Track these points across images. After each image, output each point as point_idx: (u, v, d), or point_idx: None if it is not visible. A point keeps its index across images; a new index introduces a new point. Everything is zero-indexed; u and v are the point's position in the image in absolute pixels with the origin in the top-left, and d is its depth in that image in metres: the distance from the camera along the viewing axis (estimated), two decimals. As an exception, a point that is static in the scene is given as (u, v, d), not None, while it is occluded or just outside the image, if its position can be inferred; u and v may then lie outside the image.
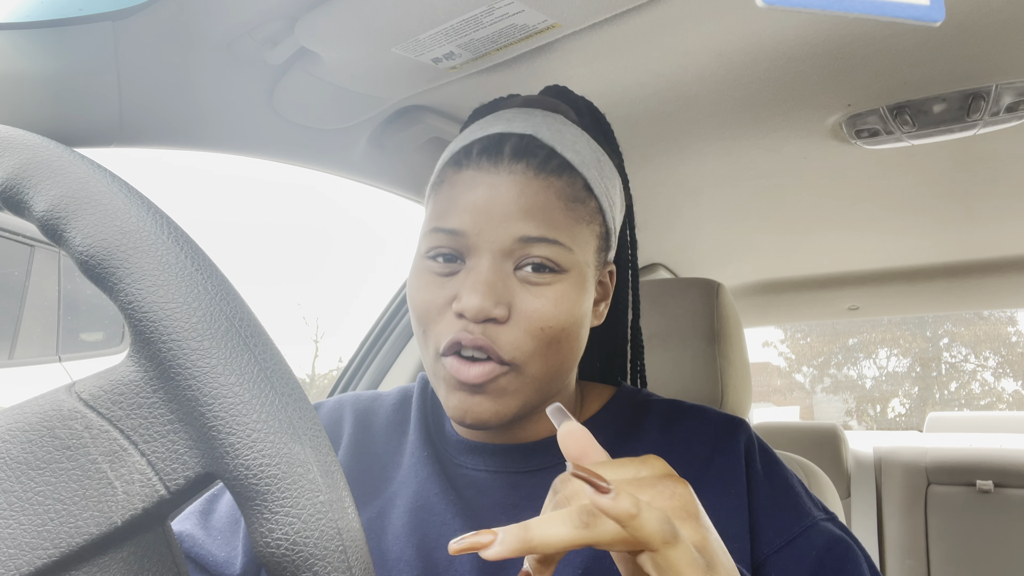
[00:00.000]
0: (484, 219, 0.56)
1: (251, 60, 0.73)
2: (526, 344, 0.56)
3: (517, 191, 0.57)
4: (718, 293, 1.04)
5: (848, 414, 18.43)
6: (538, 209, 0.57)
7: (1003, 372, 17.75)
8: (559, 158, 0.59)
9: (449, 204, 0.59)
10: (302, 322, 23.89)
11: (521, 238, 0.56)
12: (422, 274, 0.59)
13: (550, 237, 0.57)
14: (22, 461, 0.31)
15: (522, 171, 0.58)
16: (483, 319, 0.55)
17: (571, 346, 0.59)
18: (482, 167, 0.58)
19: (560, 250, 0.57)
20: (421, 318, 0.58)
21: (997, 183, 1.22)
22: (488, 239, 0.56)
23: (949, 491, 1.77)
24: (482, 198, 0.57)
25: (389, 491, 0.64)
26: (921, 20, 0.33)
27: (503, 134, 0.60)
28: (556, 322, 0.56)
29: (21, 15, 0.58)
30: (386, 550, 0.60)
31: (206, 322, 0.31)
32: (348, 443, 0.68)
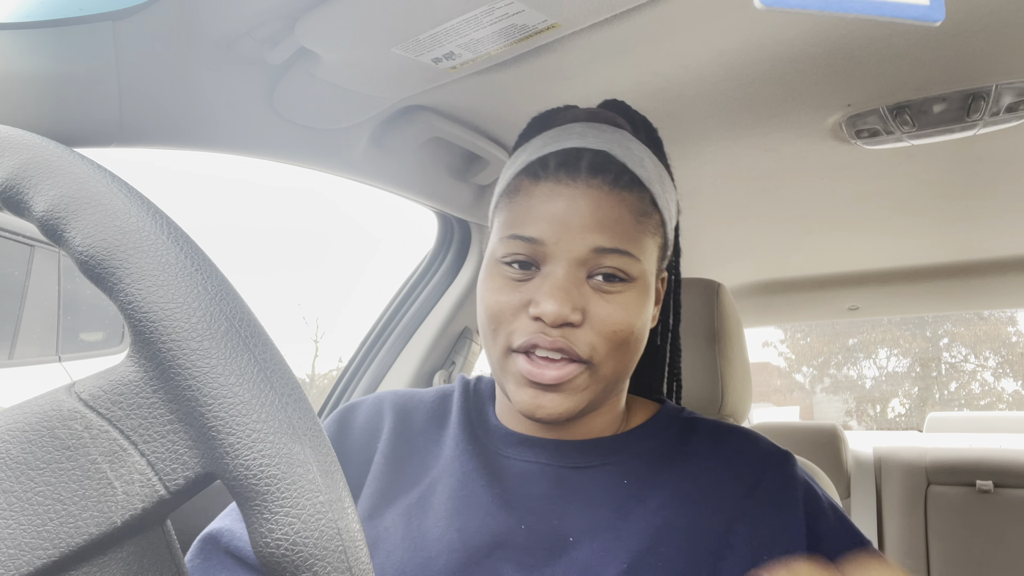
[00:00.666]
0: (562, 230, 0.60)
1: (251, 60, 0.73)
2: (600, 345, 0.59)
3: (594, 204, 0.61)
4: (718, 293, 1.04)
5: (848, 414, 18.43)
6: (612, 222, 0.61)
7: (1003, 372, 17.75)
8: (630, 174, 0.63)
9: (527, 213, 0.62)
10: (302, 322, 23.89)
11: (596, 248, 0.60)
12: (496, 277, 0.62)
13: (622, 248, 0.60)
14: (22, 461, 0.31)
15: (598, 185, 0.62)
16: (560, 323, 0.58)
17: (637, 348, 0.63)
18: (560, 180, 0.62)
19: (630, 260, 0.61)
20: (493, 318, 0.61)
21: (997, 183, 1.22)
22: (565, 248, 0.60)
23: (949, 491, 1.77)
24: (561, 210, 0.61)
25: (429, 478, 0.66)
26: (921, 20, 0.33)
27: (579, 149, 0.64)
28: (626, 326, 0.60)
29: (21, 15, 0.58)
30: (427, 530, 0.62)
31: (206, 322, 0.31)
32: (389, 435, 0.70)
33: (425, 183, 1.08)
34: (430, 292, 1.32)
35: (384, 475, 0.67)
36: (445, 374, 1.34)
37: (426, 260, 1.33)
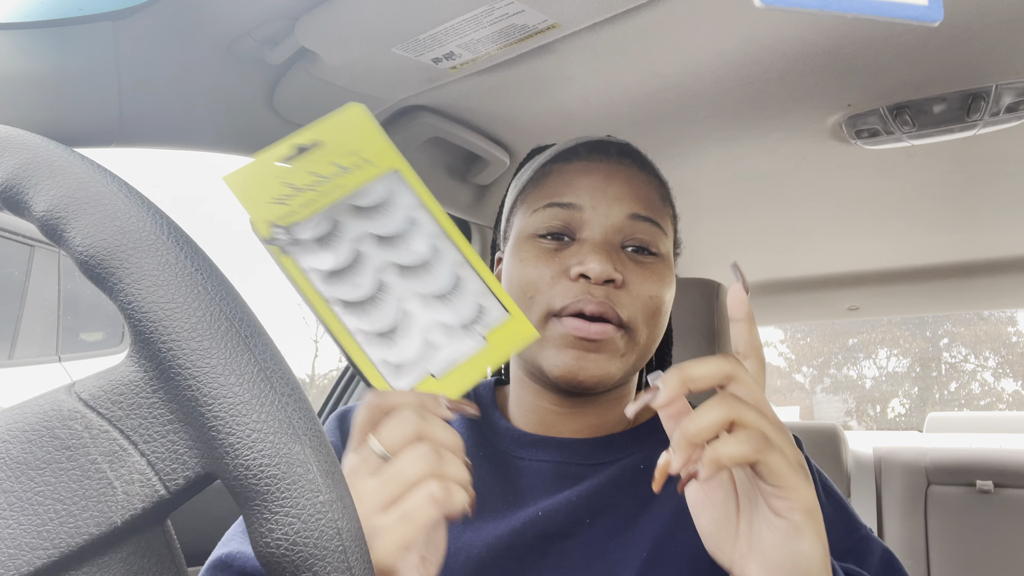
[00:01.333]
0: (600, 196, 0.64)
1: (251, 60, 0.73)
2: (639, 310, 0.62)
3: (628, 177, 0.65)
4: (718, 293, 1.04)
5: (848, 414, 18.43)
6: (643, 195, 0.65)
7: (1003, 372, 17.75)
8: (651, 165, 0.70)
9: (563, 186, 0.65)
10: (302, 322, 23.88)
11: (632, 215, 0.63)
12: (529, 250, 0.64)
13: (654, 218, 0.64)
14: (22, 461, 0.31)
15: (629, 164, 0.67)
16: (604, 280, 0.60)
17: (664, 323, 0.66)
18: (594, 159, 0.67)
19: (659, 233, 0.65)
20: (528, 287, 0.63)
21: (997, 183, 1.22)
22: (603, 214, 0.63)
23: (949, 491, 1.77)
24: (599, 181, 0.65)
25: None
26: (920, 20, 0.33)
27: (606, 140, 0.70)
28: (659, 294, 0.64)
29: (21, 15, 0.58)
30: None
31: (206, 322, 0.31)
32: None
33: (425, 183, 1.08)
34: (430, 292, 1.31)
35: None
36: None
37: (426, 260, 1.33)
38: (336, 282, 0.48)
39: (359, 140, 0.50)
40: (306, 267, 0.48)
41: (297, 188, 0.48)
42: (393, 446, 0.43)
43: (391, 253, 0.50)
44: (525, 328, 0.51)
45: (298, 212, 0.48)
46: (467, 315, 0.50)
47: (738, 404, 0.43)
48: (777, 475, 0.42)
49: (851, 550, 0.61)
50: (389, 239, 0.50)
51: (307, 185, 0.48)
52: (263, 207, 0.47)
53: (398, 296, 0.49)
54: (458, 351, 0.49)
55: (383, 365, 0.48)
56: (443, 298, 0.50)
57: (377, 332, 0.48)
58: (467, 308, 0.50)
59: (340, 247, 0.49)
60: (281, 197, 0.48)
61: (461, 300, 0.50)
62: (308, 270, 0.48)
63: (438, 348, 0.49)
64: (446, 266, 0.50)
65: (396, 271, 0.50)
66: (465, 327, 0.50)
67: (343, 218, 0.49)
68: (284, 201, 0.48)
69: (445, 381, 0.49)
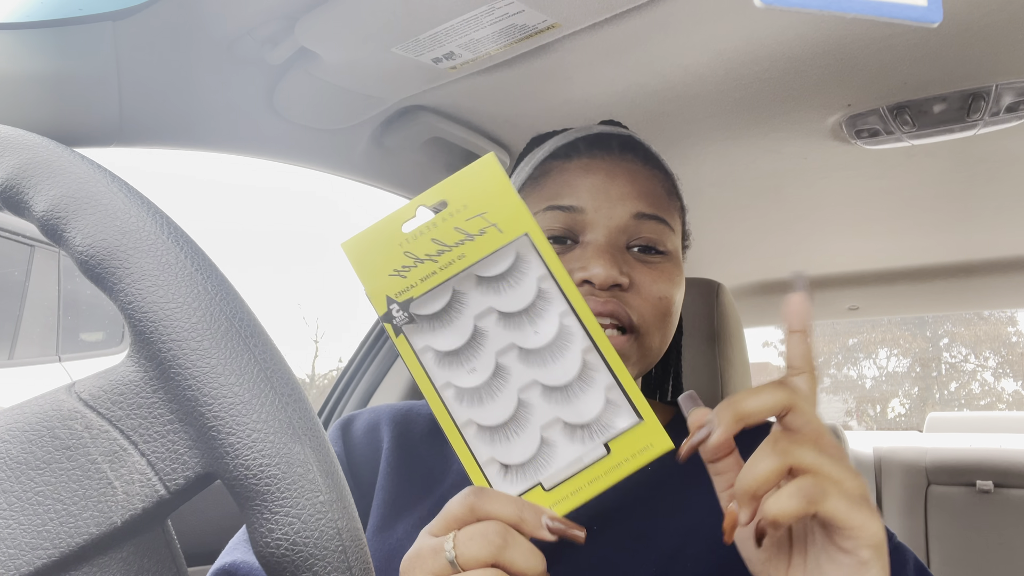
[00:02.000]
0: (602, 197, 0.61)
1: (251, 60, 0.73)
2: (647, 313, 0.60)
3: (631, 175, 0.63)
4: (718, 293, 1.04)
5: (848, 414, 18.42)
6: (648, 192, 0.63)
7: (1003, 372, 17.74)
8: (655, 158, 0.67)
9: (563, 187, 0.63)
10: (302, 322, 23.88)
11: (636, 214, 0.61)
12: None
13: (660, 215, 0.62)
14: (22, 461, 0.31)
15: (631, 160, 0.64)
16: (610, 285, 0.58)
17: (674, 324, 0.64)
18: (595, 156, 0.64)
19: (666, 230, 0.63)
20: None
21: (997, 183, 1.22)
22: (606, 215, 0.61)
23: (949, 491, 1.77)
24: (599, 180, 0.62)
25: (440, 491, 0.64)
26: (919, 21, 0.33)
27: (608, 133, 0.67)
28: (669, 295, 0.62)
29: (21, 15, 0.58)
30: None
31: (206, 322, 0.31)
32: (390, 445, 0.68)
33: (425, 183, 1.08)
34: (430, 292, 1.31)
35: (391, 486, 0.65)
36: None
37: (426, 260, 1.33)
38: (451, 365, 0.44)
39: (487, 199, 0.44)
40: (420, 348, 0.44)
41: (417, 258, 0.44)
42: (465, 562, 0.39)
43: (515, 333, 0.44)
44: (658, 437, 0.43)
45: (417, 286, 0.44)
46: (591, 412, 0.43)
47: (793, 447, 0.40)
48: (841, 519, 0.39)
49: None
50: (515, 316, 0.44)
51: (428, 255, 0.44)
52: (381, 280, 0.44)
53: (518, 384, 0.44)
54: (575, 458, 0.43)
55: (491, 465, 0.43)
56: (567, 389, 0.44)
57: (490, 425, 0.43)
58: (592, 404, 0.44)
59: (460, 325, 0.44)
60: (400, 269, 0.44)
61: (586, 393, 0.44)
62: (422, 351, 0.44)
63: (554, 450, 0.43)
64: (574, 351, 0.44)
65: (518, 354, 0.44)
66: (587, 427, 0.43)
67: (466, 291, 0.44)
68: (403, 273, 0.44)
69: (554, 495, 0.43)
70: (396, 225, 0.44)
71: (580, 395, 0.44)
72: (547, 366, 0.44)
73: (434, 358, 0.44)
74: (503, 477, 0.43)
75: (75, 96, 0.61)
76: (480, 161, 0.44)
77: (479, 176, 0.44)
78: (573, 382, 0.44)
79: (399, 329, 0.43)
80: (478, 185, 0.44)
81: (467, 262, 0.44)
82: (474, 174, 0.44)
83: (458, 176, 0.44)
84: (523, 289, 0.44)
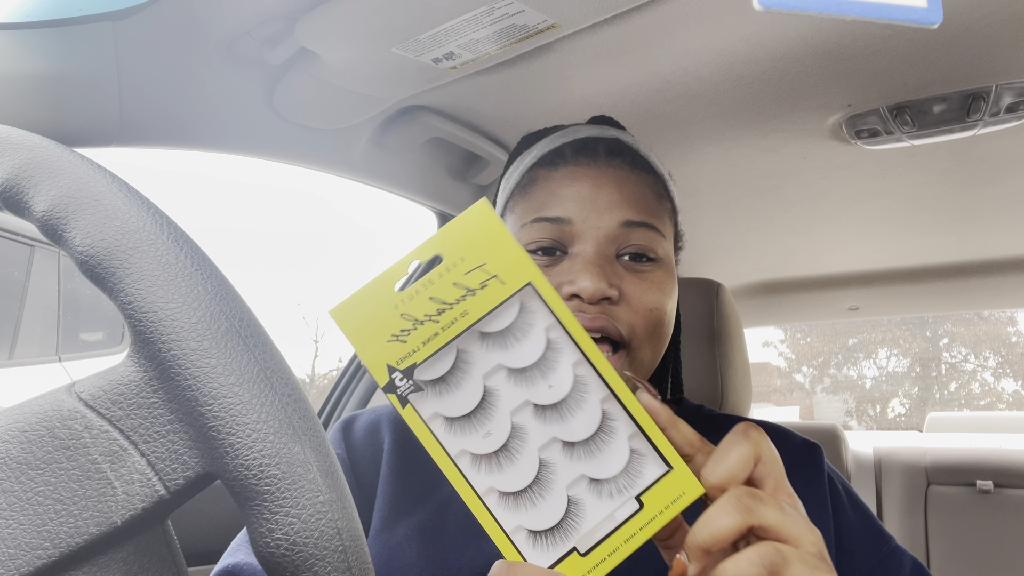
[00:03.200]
0: (589, 207, 0.60)
1: (251, 60, 0.73)
2: (639, 325, 0.59)
3: (618, 182, 0.61)
4: (718, 293, 1.04)
5: (848, 414, 18.43)
6: (636, 198, 0.61)
7: (1003, 372, 17.74)
8: (644, 160, 0.65)
9: (549, 197, 0.62)
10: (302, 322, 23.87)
11: (624, 223, 0.60)
12: None
13: (649, 222, 0.61)
14: (22, 461, 0.31)
15: (618, 166, 0.63)
16: (599, 299, 0.57)
17: (668, 333, 0.63)
18: (580, 163, 0.63)
19: (656, 236, 0.61)
20: None
21: (997, 183, 1.22)
22: (593, 225, 0.60)
23: (949, 491, 1.77)
24: (586, 189, 0.61)
25: (441, 496, 0.64)
26: (919, 23, 0.33)
27: (594, 137, 0.65)
28: (660, 305, 0.60)
29: (21, 15, 0.58)
30: (444, 549, 0.60)
31: (206, 322, 0.31)
32: (391, 447, 0.68)
33: (425, 183, 1.08)
34: (430, 292, 1.31)
35: (392, 488, 0.65)
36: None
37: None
38: (464, 431, 0.41)
39: (485, 249, 0.41)
40: (429, 416, 0.41)
41: (417, 320, 0.40)
42: None
43: (528, 389, 0.41)
44: (689, 484, 0.40)
45: (419, 350, 0.40)
46: (617, 465, 0.41)
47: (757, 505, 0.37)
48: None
49: (881, 564, 0.60)
50: (526, 371, 0.41)
51: (428, 316, 0.40)
52: (378, 347, 0.40)
53: (537, 443, 0.41)
54: (606, 515, 0.40)
55: (518, 533, 0.40)
56: (589, 443, 0.41)
57: (513, 491, 0.40)
58: (617, 456, 0.41)
59: (469, 387, 0.41)
60: (399, 333, 0.40)
61: (610, 445, 0.41)
62: (431, 419, 0.41)
63: (583, 509, 0.40)
64: (592, 401, 0.41)
65: (534, 411, 0.41)
66: (615, 481, 0.41)
67: (470, 349, 0.41)
68: (402, 338, 0.40)
69: (591, 559, 0.40)
70: (389, 286, 0.41)
71: (603, 448, 0.41)
72: (565, 421, 0.41)
73: (444, 425, 0.41)
74: (533, 545, 0.40)
75: (75, 96, 0.61)
76: (472, 209, 0.41)
77: (473, 225, 0.41)
78: (594, 435, 0.41)
79: (404, 399, 0.40)
80: (473, 235, 0.41)
81: (471, 319, 0.41)
82: (467, 223, 0.41)
83: (450, 227, 0.41)
84: (531, 342, 0.41)
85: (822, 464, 0.65)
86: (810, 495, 0.62)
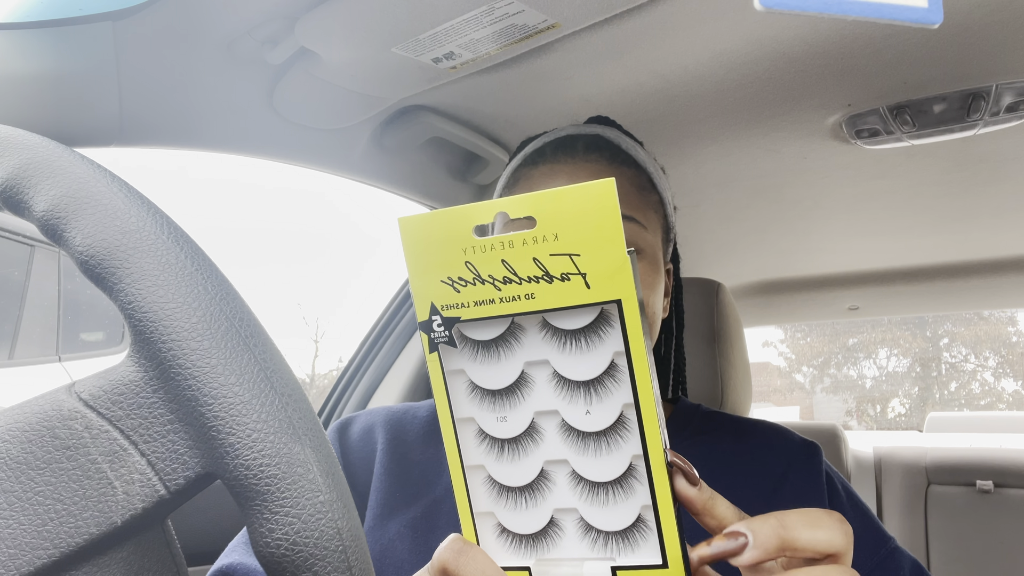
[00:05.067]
0: None
1: (251, 60, 0.73)
2: None
3: (596, 175, 0.62)
4: (718, 293, 1.04)
5: (848, 414, 18.42)
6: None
7: (1003, 372, 17.75)
8: (625, 154, 0.65)
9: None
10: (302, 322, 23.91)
11: None
12: None
13: (628, 215, 0.61)
14: (22, 461, 0.31)
15: (596, 160, 0.63)
16: None
17: (656, 327, 0.63)
18: (559, 160, 0.63)
19: (638, 228, 0.61)
20: None
21: (997, 183, 1.22)
22: None
23: (949, 491, 1.77)
24: (563, 183, 0.62)
25: (433, 495, 0.64)
26: (919, 22, 0.33)
27: (573, 135, 0.66)
28: (644, 297, 0.59)
29: (21, 15, 0.58)
30: (436, 545, 0.60)
31: (206, 322, 0.31)
32: (384, 447, 0.68)
33: (425, 183, 1.08)
34: (430, 292, 1.31)
35: (385, 486, 0.66)
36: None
37: (426, 260, 1.33)
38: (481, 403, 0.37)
39: (587, 238, 0.34)
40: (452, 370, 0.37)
41: (478, 276, 0.36)
42: None
43: (565, 403, 0.36)
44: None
45: (468, 308, 0.36)
46: (615, 523, 0.36)
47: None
48: None
49: (881, 564, 0.60)
50: (572, 383, 0.36)
51: (491, 277, 0.35)
52: (430, 281, 0.36)
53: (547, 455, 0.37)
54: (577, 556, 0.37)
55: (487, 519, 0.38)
56: (599, 487, 0.37)
57: (501, 481, 0.38)
58: (621, 515, 0.36)
59: (506, 366, 0.37)
60: (455, 280, 0.36)
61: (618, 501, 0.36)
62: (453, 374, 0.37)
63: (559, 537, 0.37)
64: (624, 451, 0.36)
65: (559, 425, 0.37)
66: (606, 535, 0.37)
67: (526, 328, 0.36)
68: (456, 286, 0.36)
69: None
70: (467, 223, 0.36)
71: (612, 500, 0.36)
72: (586, 455, 0.36)
73: (465, 387, 0.37)
74: (495, 537, 0.38)
75: (75, 96, 0.61)
76: (594, 186, 0.33)
77: (586, 205, 0.34)
78: (609, 484, 0.36)
79: (435, 345, 0.37)
80: (581, 215, 0.34)
81: (535, 306, 0.35)
82: (581, 199, 0.34)
83: (560, 194, 0.34)
84: (593, 359, 0.36)
85: (821, 464, 0.65)
86: (809, 495, 0.62)
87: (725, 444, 0.66)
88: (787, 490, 0.62)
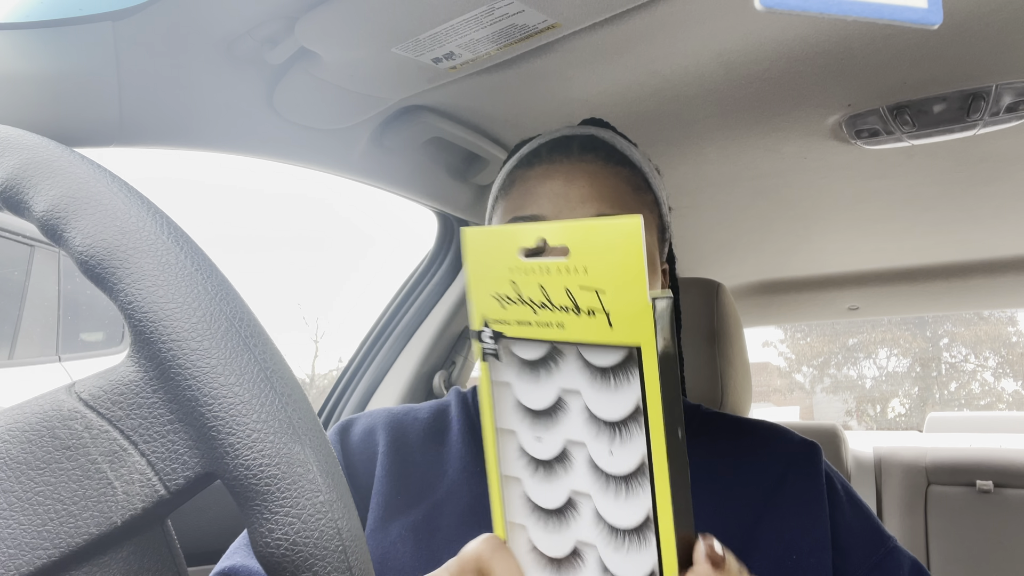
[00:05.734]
0: (562, 202, 0.61)
1: (251, 60, 0.73)
2: None
3: (590, 177, 0.62)
4: (718, 293, 1.04)
5: (848, 414, 18.42)
6: (610, 191, 0.62)
7: (1003, 372, 17.75)
8: (620, 154, 0.66)
9: (524, 197, 0.63)
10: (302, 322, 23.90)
11: (597, 216, 0.60)
12: None
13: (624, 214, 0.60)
14: (22, 461, 0.31)
15: (591, 160, 0.63)
16: None
17: None
18: (554, 160, 0.64)
19: None
20: None
21: (997, 183, 1.22)
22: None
23: (949, 491, 1.77)
24: (559, 185, 0.62)
25: (434, 498, 0.64)
26: (919, 23, 0.33)
27: (568, 136, 0.67)
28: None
29: (21, 15, 0.58)
30: (437, 551, 0.60)
31: (206, 322, 0.31)
32: (386, 449, 0.68)
33: (425, 183, 1.08)
34: (430, 292, 1.32)
35: (386, 489, 0.65)
36: (445, 374, 1.34)
37: (426, 260, 1.33)
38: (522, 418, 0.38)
39: (611, 276, 0.33)
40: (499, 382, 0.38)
41: (520, 296, 0.36)
42: None
43: (593, 438, 0.36)
44: None
45: (511, 327, 0.37)
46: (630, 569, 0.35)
47: None
48: None
49: (879, 564, 0.60)
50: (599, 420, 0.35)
51: (531, 300, 0.36)
52: (485, 293, 0.38)
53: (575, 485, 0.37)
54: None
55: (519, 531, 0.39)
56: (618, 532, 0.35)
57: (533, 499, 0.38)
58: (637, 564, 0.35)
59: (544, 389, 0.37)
60: (502, 296, 0.37)
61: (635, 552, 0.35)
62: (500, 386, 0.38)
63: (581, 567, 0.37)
64: (641, 500, 0.34)
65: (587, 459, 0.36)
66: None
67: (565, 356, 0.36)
68: (503, 302, 0.37)
69: None
70: (514, 244, 0.36)
71: (629, 548, 0.35)
72: (607, 495, 0.35)
73: (511, 400, 0.38)
74: (526, 551, 0.38)
75: (75, 96, 0.61)
76: (623, 223, 0.33)
77: (612, 241, 0.33)
78: (627, 531, 0.35)
79: (485, 355, 0.38)
80: (607, 252, 0.33)
81: (563, 336, 0.36)
82: (610, 234, 0.33)
83: (592, 227, 0.34)
84: (620, 398, 0.34)
85: (821, 464, 0.65)
86: (809, 495, 0.62)
87: (725, 445, 0.66)
88: (787, 490, 0.62)
